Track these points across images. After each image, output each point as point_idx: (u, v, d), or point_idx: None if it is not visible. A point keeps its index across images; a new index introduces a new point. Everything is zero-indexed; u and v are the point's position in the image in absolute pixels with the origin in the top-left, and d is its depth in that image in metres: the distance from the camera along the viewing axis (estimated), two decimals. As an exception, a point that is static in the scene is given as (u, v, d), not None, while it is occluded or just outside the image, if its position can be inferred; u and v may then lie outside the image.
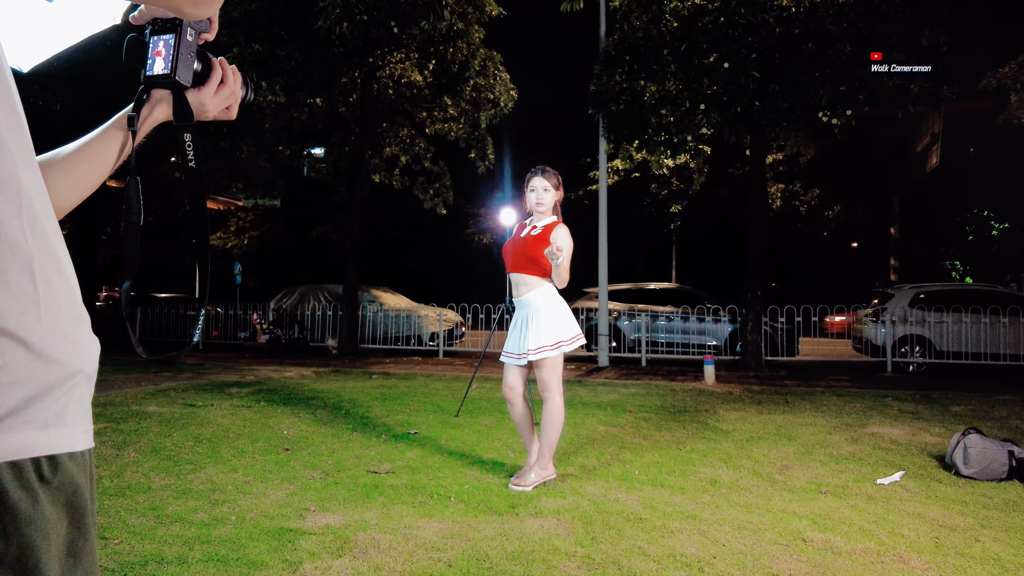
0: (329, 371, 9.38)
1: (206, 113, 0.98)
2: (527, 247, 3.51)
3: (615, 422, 5.45)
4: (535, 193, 3.55)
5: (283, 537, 2.75)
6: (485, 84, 12.16)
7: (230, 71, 0.99)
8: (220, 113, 1.01)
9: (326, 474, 3.72)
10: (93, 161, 0.90)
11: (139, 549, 2.60)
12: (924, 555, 2.64)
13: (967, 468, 3.75)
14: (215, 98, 0.98)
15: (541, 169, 3.58)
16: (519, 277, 3.55)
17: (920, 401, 6.86)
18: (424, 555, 2.59)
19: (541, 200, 3.53)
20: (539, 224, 3.56)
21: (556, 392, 3.49)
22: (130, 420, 5.12)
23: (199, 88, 0.95)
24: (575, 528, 2.90)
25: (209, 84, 0.96)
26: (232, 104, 1.02)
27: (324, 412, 5.74)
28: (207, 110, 0.98)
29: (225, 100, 1.00)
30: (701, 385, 8.09)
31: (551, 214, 3.59)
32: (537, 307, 3.49)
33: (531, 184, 3.57)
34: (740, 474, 3.83)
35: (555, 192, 3.57)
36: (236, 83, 1.00)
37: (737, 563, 2.54)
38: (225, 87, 0.98)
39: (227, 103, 1.01)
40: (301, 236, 28.52)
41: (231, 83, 0.99)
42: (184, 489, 3.40)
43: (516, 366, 3.60)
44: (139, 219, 0.91)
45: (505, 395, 3.66)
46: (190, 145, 0.95)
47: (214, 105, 0.98)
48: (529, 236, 3.53)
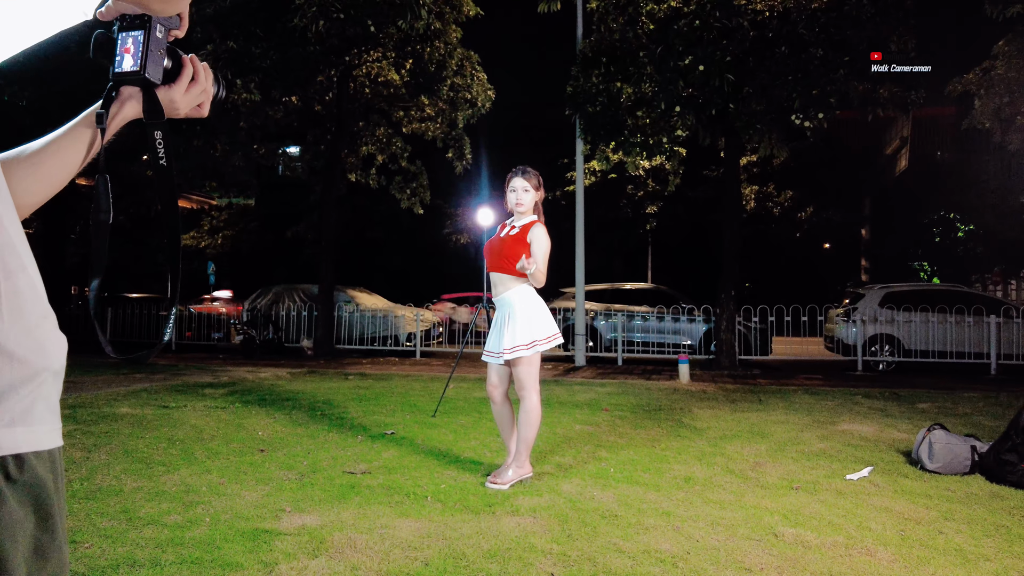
0: (304, 372, 9.30)
1: (177, 111, 0.98)
2: (505, 247, 3.53)
3: (591, 421, 5.50)
4: (515, 194, 3.58)
5: (258, 538, 2.73)
6: (462, 84, 12.15)
7: (201, 68, 0.98)
8: (192, 111, 1.00)
9: (302, 475, 3.70)
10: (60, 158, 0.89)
11: (110, 552, 2.57)
12: (890, 547, 2.71)
13: (932, 463, 3.85)
14: (186, 95, 0.97)
15: (522, 170, 3.61)
16: (498, 276, 3.58)
17: (889, 399, 7.01)
18: (401, 554, 2.59)
19: (521, 201, 3.57)
20: (518, 224, 3.59)
21: (532, 391, 3.52)
22: (101, 422, 5.04)
23: (170, 85, 0.94)
24: (551, 526, 2.93)
25: (180, 81, 0.95)
26: (204, 102, 1.01)
27: (299, 413, 5.69)
28: (178, 107, 0.97)
29: (197, 97, 0.99)
30: (676, 384, 8.18)
31: (531, 214, 3.62)
32: (514, 306, 3.52)
33: (511, 184, 3.61)
34: (714, 471, 3.89)
35: (535, 193, 3.60)
36: (208, 80, 1.00)
37: (710, 558, 2.59)
38: (196, 84, 0.98)
39: (199, 100, 1.00)
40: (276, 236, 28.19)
41: (202, 80, 0.98)
42: (157, 491, 3.36)
43: (497, 364, 3.63)
44: (108, 217, 0.90)
45: (488, 393, 3.70)
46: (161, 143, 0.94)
47: (185, 103, 0.97)
48: (508, 236, 3.57)
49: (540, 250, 3.51)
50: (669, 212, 26.00)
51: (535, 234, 3.51)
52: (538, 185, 3.60)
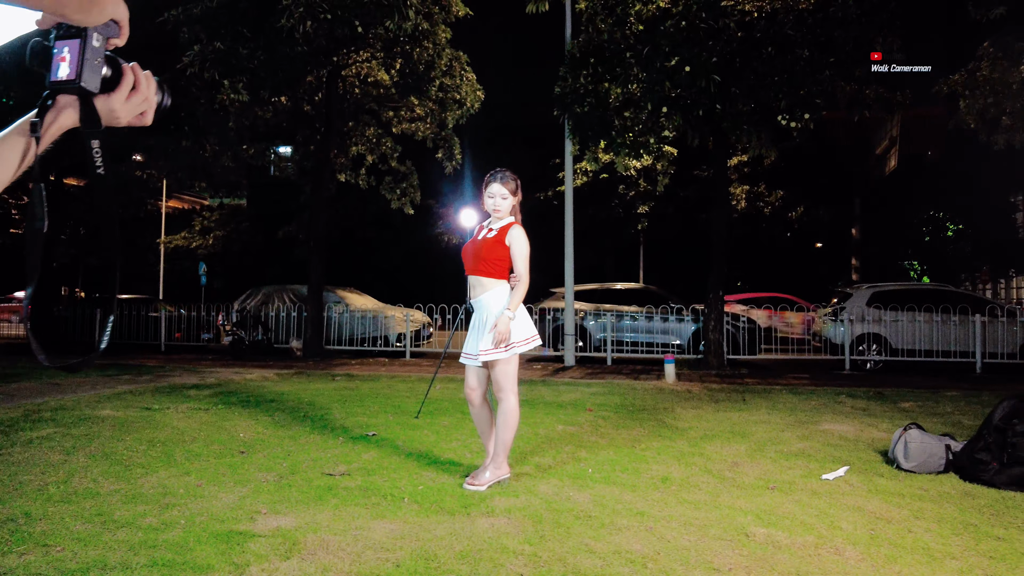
0: (292, 373, 9.29)
1: (118, 119, 0.97)
2: (483, 249, 3.54)
3: (574, 421, 5.52)
4: (493, 200, 3.58)
5: (232, 540, 2.74)
6: (451, 84, 12.15)
7: (143, 77, 0.98)
8: (134, 119, 1.00)
9: (280, 477, 3.71)
10: None
11: (82, 556, 2.57)
12: (859, 546, 2.74)
13: (907, 462, 3.89)
14: (127, 104, 0.97)
15: (500, 175, 3.60)
16: (475, 279, 3.58)
17: (872, 398, 7.05)
18: (373, 556, 2.60)
19: (498, 207, 3.58)
20: (495, 226, 3.59)
21: (510, 393, 3.53)
22: (82, 424, 5.02)
23: (109, 94, 0.94)
24: (525, 527, 2.94)
25: (120, 90, 0.95)
26: (147, 110, 1.01)
27: (283, 414, 5.69)
28: (118, 116, 0.97)
29: (138, 106, 0.99)
30: (662, 384, 8.21)
31: (509, 215, 3.63)
32: (491, 309, 3.53)
33: (489, 189, 3.61)
34: (691, 471, 3.91)
35: (513, 198, 3.60)
36: (150, 89, 0.99)
37: (680, 558, 2.61)
38: (137, 93, 0.97)
39: (141, 109, 0.99)
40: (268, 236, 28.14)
41: (144, 89, 0.98)
42: (134, 494, 3.36)
43: (475, 367, 3.63)
44: (43, 226, 0.90)
45: (467, 395, 3.70)
46: (98, 152, 0.94)
47: (126, 111, 0.97)
48: (486, 239, 3.57)
49: (520, 253, 3.53)
50: (660, 212, 26.07)
51: (513, 236, 3.52)
52: (516, 189, 3.61)
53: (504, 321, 3.40)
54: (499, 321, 3.41)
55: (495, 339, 3.42)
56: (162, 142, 13.08)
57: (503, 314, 3.42)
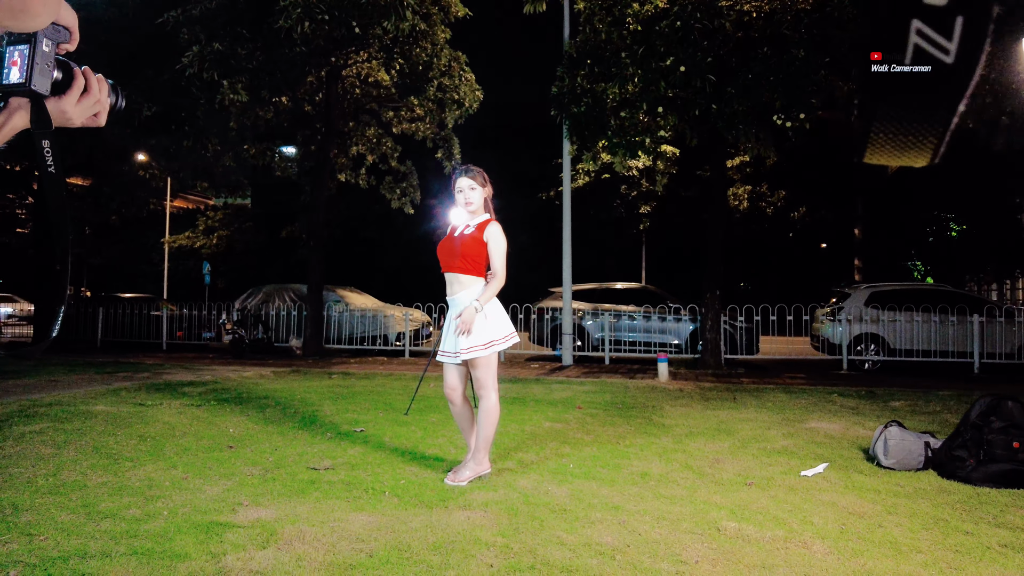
0: (289, 371, 9.36)
1: (70, 120, 1.02)
2: (462, 247, 3.56)
3: (562, 418, 5.56)
4: (463, 194, 3.61)
5: (211, 530, 2.80)
6: (450, 84, 12.21)
7: (95, 80, 1.03)
8: (87, 120, 1.05)
9: (265, 470, 3.77)
10: None
11: (64, 544, 2.63)
12: (827, 540, 2.78)
13: (887, 459, 3.92)
14: (79, 106, 1.01)
15: (464, 169, 3.65)
16: (453, 276, 3.60)
17: (863, 397, 7.07)
18: (347, 546, 2.66)
19: (470, 200, 3.60)
20: (472, 223, 3.62)
21: (491, 390, 3.57)
22: (75, 419, 5.10)
23: (60, 97, 0.99)
24: (500, 519, 2.99)
25: (71, 93, 1.00)
26: (100, 112, 1.06)
27: (273, 411, 5.76)
28: (70, 117, 1.02)
29: (90, 108, 1.04)
30: (655, 382, 8.24)
31: (483, 212, 3.66)
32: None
33: (458, 185, 3.63)
34: (671, 467, 3.95)
35: (482, 189, 3.63)
36: (102, 92, 1.04)
37: (649, 551, 2.65)
38: (89, 96, 1.02)
39: (93, 111, 1.04)
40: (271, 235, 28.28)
41: (95, 91, 1.03)
42: (120, 486, 3.42)
43: (454, 365, 3.66)
44: None
45: (446, 395, 3.70)
46: (48, 151, 0.99)
47: (78, 113, 1.02)
48: (463, 235, 3.59)
49: (498, 250, 3.57)
50: (662, 212, 26.08)
51: (491, 233, 3.56)
52: (484, 182, 3.64)
53: (470, 312, 3.43)
54: (465, 312, 3.44)
55: (458, 328, 3.45)
56: (164, 142, 13.19)
57: (470, 305, 3.45)
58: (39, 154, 1.00)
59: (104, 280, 24.69)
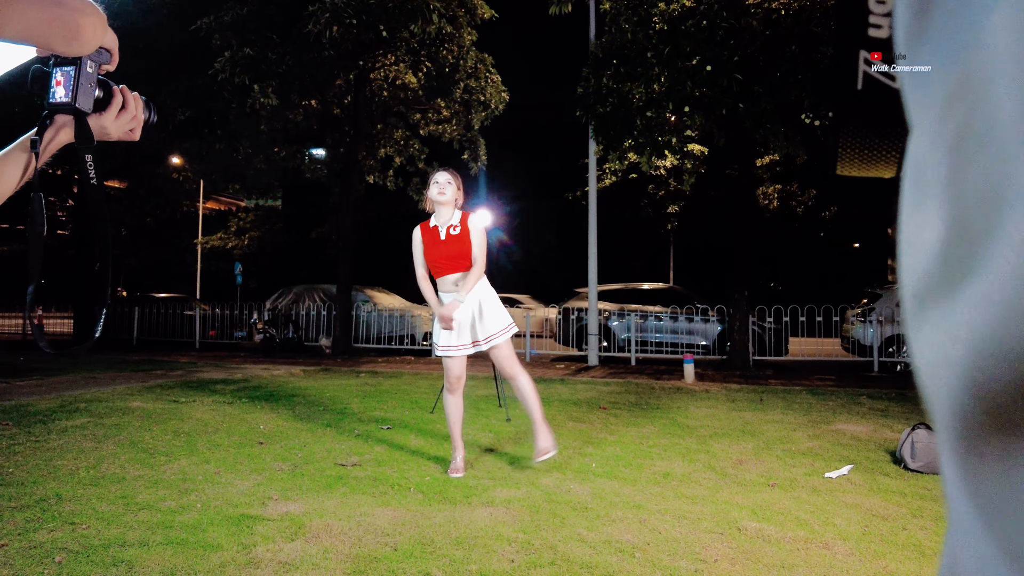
0: (318, 370, 9.53)
1: (108, 135, 1.12)
2: (455, 246, 3.72)
3: (586, 418, 5.59)
4: (438, 185, 3.73)
5: (242, 523, 2.90)
6: (476, 86, 12.30)
7: (131, 98, 1.12)
8: (123, 135, 1.14)
9: (295, 466, 3.87)
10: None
11: (104, 533, 2.75)
12: (849, 542, 2.77)
13: (914, 462, 3.88)
14: (116, 122, 1.11)
15: (442, 168, 3.85)
16: (456, 276, 3.75)
17: (893, 399, 6.97)
18: (373, 540, 2.73)
19: (443, 191, 3.71)
20: (453, 221, 3.75)
21: (520, 369, 3.74)
22: (114, 415, 5.28)
23: (100, 113, 1.08)
24: (522, 516, 3.04)
25: (110, 110, 1.09)
26: (135, 127, 1.15)
27: (303, 408, 5.89)
28: (109, 132, 1.11)
29: (127, 124, 1.13)
30: (680, 383, 8.21)
31: (455, 207, 3.79)
32: (480, 298, 3.75)
33: (435, 178, 3.77)
34: (694, 467, 3.96)
35: (457, 189, 3.77)
36: (137, 108, 1.14)
37: (668, 549, 2.68)
38: (126, 112, 1.12)
39: (129, 127, 1.14)
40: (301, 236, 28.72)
41: (132, 108, 1.12)
42: (156, 479, 3.55)
43: (461, 357, 3.78)
44: (43, 231, 1.04)
45: (452, 387, 3.80)
46: (91, 165, 1.08)
47: (116, 128, 1.11)
48: (452, 236, 3.74)
49: (481, 240, 3.77)
50: (690, 212, 25.88)
51: (474, 224, 3.75)
52: (460, 184, 3.80)
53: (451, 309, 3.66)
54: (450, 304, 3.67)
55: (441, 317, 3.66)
56: (196, 146, 13.52)
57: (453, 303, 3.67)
58: (82, 167, 1.08)
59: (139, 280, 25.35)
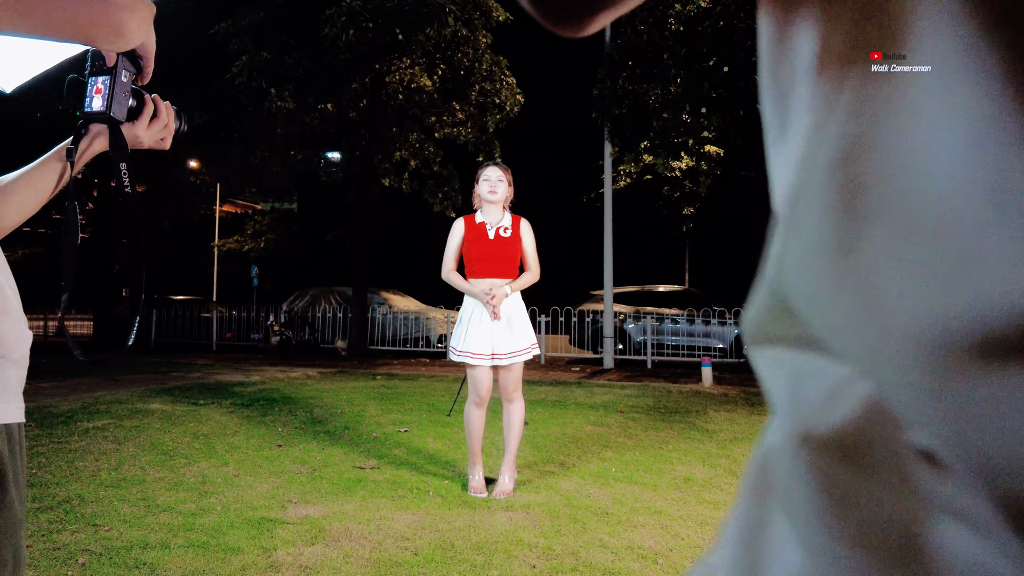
0: (335, 372, 9.56)
1: (141, 144, 1.11)
2: (503, 250, 3.50)
3: (604, 422, 5.55)
4: (489, 183, 3.50)
5: (262, 526, 2.89)
6: (491, 89, 12.30)
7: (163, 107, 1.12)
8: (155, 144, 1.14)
9: (313, 469, 3.87)
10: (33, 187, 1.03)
11: (127, 535, 2.76)
12: (877, 549, 2.72)
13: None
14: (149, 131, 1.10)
15: (494, 162, 3.62)
16: (492, 281, 3.50)
17: (916, 403, 6.86)
18: (392, 544, 2.72)
19: (494, 189, 3.49)
20: (504, 223, 3.55)
21: (520, 394, 3.56)
22: (134, 417, 5.32)
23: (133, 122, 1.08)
24: (542, 521, 3.02)
25: (142, 119, 1.08)
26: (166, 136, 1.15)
27: (321, 411, 5.90)
28: (142, 141, 1.11)
29: (159, 133, 1.12)
30: (699, 387, 8.14)
31: (505, 208, 3.59)
32: (512, 309, 3.52)
33: (485, 174, 3.54)
34: (715, 472, 3.91)
35: (508, 186, 3.56)
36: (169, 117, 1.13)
37: (692, 555, 2.64)
38: (158, 121, 1.11)
39: (161, 135, 1.13)
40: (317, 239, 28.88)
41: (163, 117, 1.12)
42: (176, 482, 3.56)
43: (488, 367, 3.49)
44: (76, 239, 1.04)
45: (482, 398, 3.50)
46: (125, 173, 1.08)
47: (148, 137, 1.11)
48: (503, 239, 3.52)
49: (533, 246, 3.59)
50: (706, 213, 25.71)
51: (526, 229, 3.56)
52: (511, 181, 3.59)
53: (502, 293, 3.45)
54: (497, 293, 3.44)
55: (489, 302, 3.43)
56: (213, 149, 13.63)
57: (503, 288, 3.46)
58: (117, 175, 1.08)
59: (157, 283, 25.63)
